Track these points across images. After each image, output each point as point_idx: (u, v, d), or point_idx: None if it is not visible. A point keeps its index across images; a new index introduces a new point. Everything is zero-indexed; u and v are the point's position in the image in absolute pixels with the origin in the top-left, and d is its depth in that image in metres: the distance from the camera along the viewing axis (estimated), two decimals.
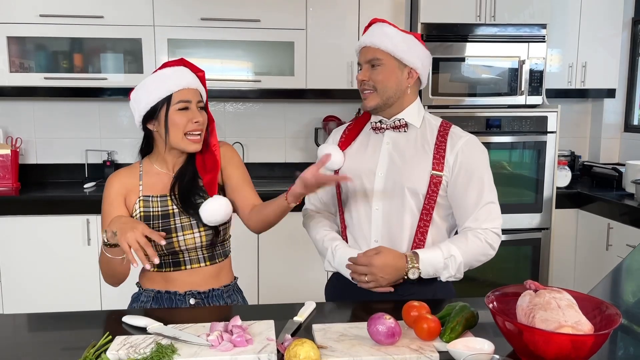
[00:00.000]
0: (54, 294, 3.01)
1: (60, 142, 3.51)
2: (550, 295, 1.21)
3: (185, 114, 1.57)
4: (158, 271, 1.64)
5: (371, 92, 1.62)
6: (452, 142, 1.61)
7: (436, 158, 1.60)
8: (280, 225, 3.06)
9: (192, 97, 1.58)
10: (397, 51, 1.59)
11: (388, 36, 1.60)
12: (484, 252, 1.59)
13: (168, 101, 1.55)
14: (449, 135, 1.63)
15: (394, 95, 1.62)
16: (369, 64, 1.62)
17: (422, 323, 1.23)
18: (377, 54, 1.60)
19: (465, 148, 1.60)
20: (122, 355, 1.18)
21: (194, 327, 1.32)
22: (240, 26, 3.18)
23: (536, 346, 1.12)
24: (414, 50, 1.61)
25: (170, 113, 1.55)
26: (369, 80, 1.61)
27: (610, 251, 3.06)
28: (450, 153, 1.60)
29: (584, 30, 3.48)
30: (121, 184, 1.63)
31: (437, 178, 1.59)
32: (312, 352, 1.10)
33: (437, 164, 1.60)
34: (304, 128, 3.69)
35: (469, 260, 1.57)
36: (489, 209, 1.60)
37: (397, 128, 1.65)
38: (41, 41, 3.19)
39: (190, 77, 1.60)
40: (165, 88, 1.56)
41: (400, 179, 1.61)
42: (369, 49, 1.62)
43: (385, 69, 1.60)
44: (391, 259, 1.53)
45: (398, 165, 1.63)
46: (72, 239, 3.02)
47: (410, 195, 1.60)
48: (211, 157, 1.65)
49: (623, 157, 3.75)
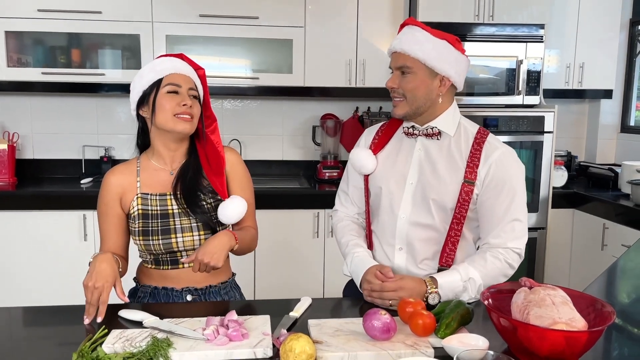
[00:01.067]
0: (50, 289, 3.01)
1: (58, 138, 3.51)
2: (545, 292, 1.21)
3: (173, 97, 1.55)
4: (155, 268, 1.63)
5: (401, 100, 1.56)
6: (487, 153, 1.55)
7: (469, 167, 1.54)
8: (277, 222, 3.09)
9: (182, 82, 1.56)
10: (428, 59, 1.52)
11: (419, 42, 1.52)
12: (503, 272, 1.54)
13: (158, 84, 1.55)
14: (484, 145, 1.57)
15: (423, 104, 1.56)
16: (399, 71, 1.56)
17: (418, 319, 1.24)
18: (407, 62, 1.53)
19: (499, 160, 1.55)
20: (117, 349, 1.18)
21: (190, 322, 1.33)
22: (238, 23, 3.18)
23: (530, 342, 1.12)
24: (446, 57, 1.53)
25: (159, 96, 1.55)
26: (398, 88, 1.56)
27: (606, 251, 3.07)
28: (483, 164, 1.54)
29: (581, 31, 3.49)
30: (117, 183, 1.61)
31: (468, 187, 1.53)
32: (308, 346, 1.11)
33: (470, 173, 1.54)
34: (302, 126, 3.69)
35: (488, 281, 1.51)
36: (513, 226, 1.54)
37: (429, 136, 1.61)
38: (39, 36, 3.18)
39: (183, 66, 1.60)
40: (157, 72, 1.56)
41: (429, 191, 1.56)
42: (399, 55, 1.55)
43: (416, 77, 1.54)
44: (416, 284, 1.48)
45: (428, 177, 1.58)
46: (68, 235, 3.02)
47: (437, 207, 1.56)
48: (214, 154, 1.63)
49: (619, 157, 3.76)
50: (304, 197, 3.19)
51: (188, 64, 1.63)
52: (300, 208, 3.16)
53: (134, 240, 1.62)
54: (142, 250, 1.62)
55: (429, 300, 1.46)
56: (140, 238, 1.59)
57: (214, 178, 1.62)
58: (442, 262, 1.58)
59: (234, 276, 1.77)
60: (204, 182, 1.63)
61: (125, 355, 1.11)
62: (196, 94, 1.60)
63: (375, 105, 3.61)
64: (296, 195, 3.20)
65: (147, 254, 1.62)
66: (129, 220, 1.62)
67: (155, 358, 1.13)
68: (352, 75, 3.32)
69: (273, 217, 3.10)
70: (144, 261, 1.66)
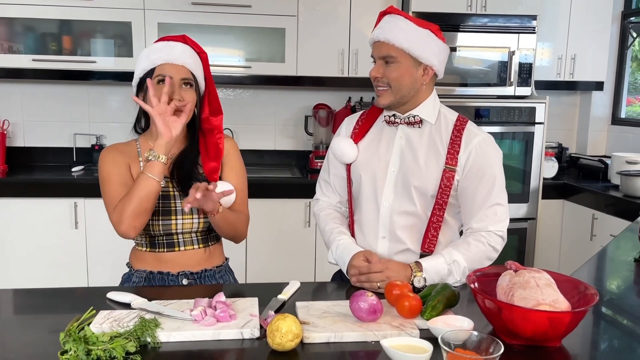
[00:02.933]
0: (41, 277, 3.00)
1: (49, 125, 3.49)
2: (529, 274, 1.23)
3: (161, 89, 1.50)
4: (151, 251, 1.62)
5: (385, 89, 1.57)
6: (467, 139, 1.57)
7: (450, 153, 1.56)
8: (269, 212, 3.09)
9: (174, 73, 1.53)
10: (413, 48, 1.52)
11: (403, 31, 1.52)
12: (487, 255, 1.57)
13: (151, 74, 1.54)
14: (464, 132, 1.58)
15: (408, 93, 1.56)
16: (383, 60, 1.56)
17: (404, 301, 1.25)
18: (391, 51, 1.53)
19: (479, 146, 1.56)
20: (105, 329, 1.19)
21: (177, 304, 1.33)
22: (231, 11, 3.17)
23: (514, 323, 1.14)
24: (430, 47, 1.54)
25: (150, 86, 1.51)
26: (382, 77, 1.56)
27: (595, 241, 3.10)
28: (464, 150, 1.56)
29: (574, 23, 3.50)
30: (122, 155, 1.60)
31: (449, 173, 1.55)
32: (294, 326, 1.12)
33: (451, 159, 1.56)
34: (294, 115, 3.69)
35: (473, 264, 1.52)
36: (495, 210, 1.56)
37: (411, 124, 1.62)
38: (30, 23, 3.16)
39: (180, 52, 1.56)
40: (150, 60, 1.55)
41: (411, 178, 1.58)
42: (383, 45, 1.54)
43: (400, 66, 1.54)
44: (401, 268, 1.50)
45: (410, 163, 1.59)
46: (59, 222, 3.01)
47: (418, 194, 1.58)
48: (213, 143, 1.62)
49: (610, 149, 3.78)
50: (295, 187, 3.20)
51: (191, 46, 1.60)
52: (292, 197, 3.17)
53: None
54: None
55: (414, 283, 1.48)
56: None
57: (208, 163, 1.60)
58: (424, 247, 1.60)
59: (228, 260, 1.77)
60: (200, 170, 1.63)
61: (112, 334, 1.12)
62: (190, 81, 1.56)
63: (367, 95, 3.62)
64: (288, 185, 3.21)
65: (144, 236, 1.62)
66: None
67: (142, 337, 1.14)
68: (345, 65, 3.32)
69: (265, 207, 3.10)
70: (138, 244, 1.66)
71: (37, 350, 1.15)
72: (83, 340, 1.09)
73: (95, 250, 3.03)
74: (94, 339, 1.10)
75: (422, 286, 1.47)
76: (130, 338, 1.12)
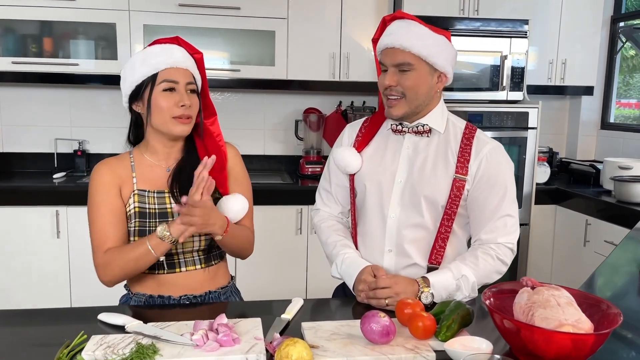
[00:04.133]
0: (21, 288, 2.87)
1: (29, 130, 3.36)
2: (549, 292, 1.17)
3: (170, 96, 1.44)
4: (150, 273, 1.51)
5: (399, 98, 1.49)
6: (478, 148, 1.51)
7: (460, 162, 1.50)
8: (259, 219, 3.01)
9: (179, 77, 1.45)
10: (430, 55, 1.45)
11: (420, 38, 1.45)
12: (496, 269, 1.50)
13: (153, 80, 1.43)
14: (474, 140, 1.52)
15: (423, 102, 1.50)
16: (397, 68, 1.47)
17: (417, 321, 1.19)
18: (407, 58, 1.45)
19: (490, 155, 1.51)
20: (98, 356, 1.10)
21: (175, 326, 1.25)
22: (219, 13, 3.09)
23: (535, 345, 1.08)
24: (445, 54, 1.48)
25: (155, 94, 1.43)
26: (397, 86, 1.48)
27: (588, 247, 3.08)
28: (474, 159, 1.50)
29: (564, 27, 3.49)
30: (114, 173, 1.48)
31: (460, 182, 1.49)
32: (305, 352, 1.04)
33: (461, 168, 1.50)
34: (284, 120, 3.61)
35: (482, 279, 1.47)
36: (505, 222, 1.50)
37: (419, 133, 1.55)
38: (9, 24, 3.02)
39: (180, 55, 1.47)
40: (151, 65, 1.43)
41: (420, 188, 1.51)
42: (397, 52, 1.46)
43: (417, 74, 1.46)
44: (408, 283, 1.43)
45: (418, 173, 1.52)
46: (40, 231, 2.89)
47: (428, 205, 1.51)
48: (216, 149, 1.53)
49: (599, 154, 3.79)
50: (286, 193, 3.12)
51: (184, 48, 1.50)
52: (282, 204, 3.09)
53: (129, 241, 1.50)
54: None
55: (422, 299, 1.41)
56: (136, 239, 1.46)
57: (215, 174, 1.49)
58: (431, 259, 1.53)
59: (234, 280, 1.67)
60: None
61: None
62: (194, 88, 1.49)
63: (358, 99, 3.56)
64: (278, 191, 3.13)
65: None
66: None
67: None
68: (336, 68, 3.25)
69: (255, 214, 3.01)
70: None
71: None
72: None
73: (78, 260, 2.91)
74: None
75: (430, 302, 1.41)
76: None
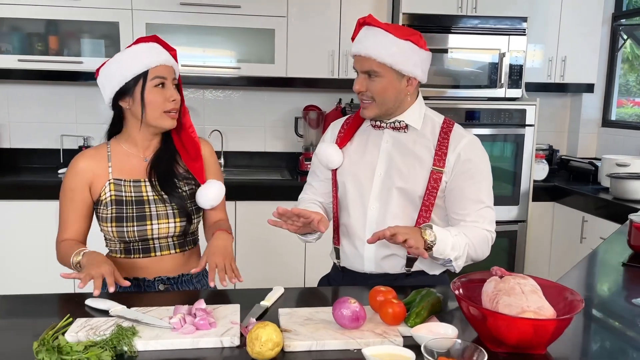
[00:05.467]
0: (27, 279, 2.95)
1: (35, 127, 3.45)
2: (515, 281, 1.21)
3: (161, 92, 1.54)
4: (125, 257, 1.60)
5: (370, 102, 1.55)
6: (455, 141, 1.56)
7: (438, 155, 1.55)
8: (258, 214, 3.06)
9: (167, 74, 1.55)
10: (395, 63, 1.50)
11: (384, 46, 1.50)
12: (486, 240, 1.54)
13: (144, 77, 1.52)
14: (451, 134, 1.58)
15: (393, 105, 1.56)
16: (366, 74, 1.53)
17: (387, 307, 1.23)
18: (373, 66, 1.51)
19: (468, 148, 1.56)
20: (81, 337, 1.16)
21: (157, 311, 1.30)
22: (220, 12, 3.14)
23: (499, 331, 1.12)
24: (412, 59, 1.52)
25: (147, 90, 1.52)
26: (366, 91, 1.54)
27: (585, 244, 3.09)
28: (452, 152, 1.55)
29: (564, 25, 3.49)
30: (87, 168, 1.58)
31: (437, 174, 1.54)
32: (274, 334, 1.09)
33: (439, 161, 1.55)
34: (284, 117, 3.66)
35: (475, 244, 1.51)
36: (484, 214, 1.55)
37: (396, 129, 1.61)
38: (15, 23, 3.12)
39: (165, 54, 1.57)
40: (141, 63, 1.52)
41: (398, 180, 1.57)
42: (364, 60, 1.52)
43: (384, 80, 1.52)
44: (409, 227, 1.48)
45: (397, 166, 1.58)
46: (45, 225, 2.96)
47: (406, 196, 1.56)
48: (190, 140, 1.63)
49: (600, 151, 3.78)
50: (285, 189, 3.17)
51: (161, 45, 1.59)
52: (281, 200, 3.12)
53: (104, 227, 1.58)
54: (112, 238, 1.59)
55: (426, 236, 1.43)
56: (114, 224, 1.55)
57: (192, 163, 1.62)
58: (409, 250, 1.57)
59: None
60: (178, 169, 1.63)
61: (87, 344, 1.09)
62: (177, 83, 1.59)
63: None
64: (278, 187, 3.18)
65: (118, 243, 1.59)
66: (98, 207, 1.58)
67: (119, 346, 1.11)
68: (335, 66, 3.29)
69: (254, 209, 3.08)
70: (112, 251, 1.63)
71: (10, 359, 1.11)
72: (57, 350, 1.06)
73: None
74: (68, 348, 1.07)
75: (433, 240, 1.42)
76: (106, 347, 1.09)
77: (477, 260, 1.57)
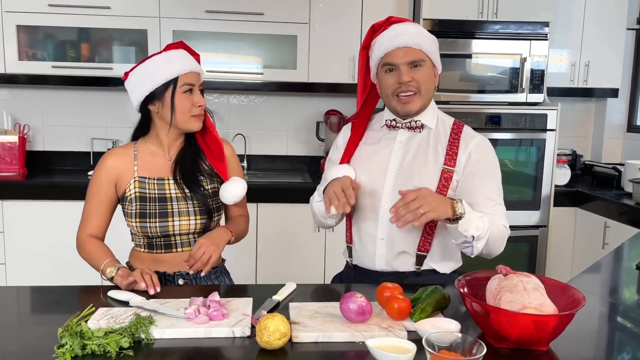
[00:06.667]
0: (57, 277, 3.08)
1: (67, 130, 3.59)
2: (518, 278, 1.24)
3: (190, 98, 1.63)
4: (149, 252, 1.69)
5: (414, 94, 1.59)
6: (466, 141, 1.62)
7: (449, 154, 1.60)
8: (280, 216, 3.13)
9: (195, 81, 1.65)
10: (433, 52, 1.62)
11: (425, 37, 1.61)
12: (502, 232, 1.56)
13: (174, 83, 1.61)
14: (462, 134, 1.63)
15: (431, 97, 1.64)
16: (409, 66, 1.58)
17: (393, 303, 1.27)
18: (420, 55, 1.58)
19: (477, 148, 1.61)
20: (102, 325, 1.23)
21: (174, 302, 1.37)
22: (244, 19, 3.22)
23: (501, 327, 1.15)
24: (438, 53, 1.64)
25: (177, 96, 1.61)
26: (412, 81, 1.58)
27: (607, 250, 3.05)
28: (463, 152, 1.60)
29: (587, 29, 3.47)
30: (115, 165, 1.67)
31: (448, 173, 1.59)
32: (282, 325, 1.14)
33: (450, 160, 1.60)
34: (306, 121, 3.73)
35: (493, 234, 1.52)
36: (497, 210, 1.58)
37: (412, 129, 1.66)
38: (49, 30, 3.26)
39: (193, 61, 1.66)
40: (172, 70, 1.60)
41: (410, 178, 1.61)
42: (410, 50, 1.58)
43: (427, 70, 1.60)
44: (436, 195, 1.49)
45: (409, 164, 1.63)
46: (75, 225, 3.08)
47: None
48: (214, 141, 1.71)
49: (625, 157, 3.73)
50: (307, 192, 3.17)
51: (187, 52, 1.68)
52: (302, 202, 3.18)
53: (129, 223, 1.67)
54: (137, 233, 1.67)
55: (457, 207, 1.45)
56: (137, 220, 1.64)
57: (216, 163, 1.70)
58: (420, 247, 1.62)
59: (224, 262, 1.81)
60: (202, 166, 1.71)
61: (107, 330, 1.16)
62: (203, 88, 1.69)
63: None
64: (299, 190, 3.24)
65: (142, 237, 1.67)
66: (124, 203, 1.67)
67: (136, 334, 1.18)
68: (356, 71, 3.33)
69: (276, 211, 3.14)
70: (137, 245, 1.72)
71: (38, 343, 1.19)
72: (79, 335, 1.13)
73: None
74: (90, 334, 1.14)
75: (462, 213, 1.45)
76: (124, 334, 1.16)
77: (491, 252, 1.59)
